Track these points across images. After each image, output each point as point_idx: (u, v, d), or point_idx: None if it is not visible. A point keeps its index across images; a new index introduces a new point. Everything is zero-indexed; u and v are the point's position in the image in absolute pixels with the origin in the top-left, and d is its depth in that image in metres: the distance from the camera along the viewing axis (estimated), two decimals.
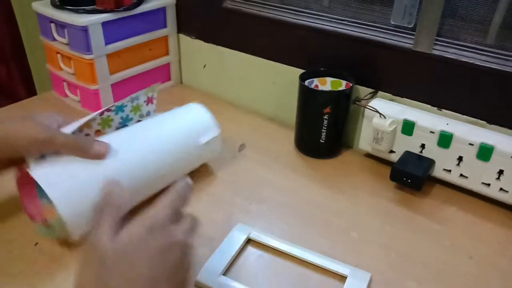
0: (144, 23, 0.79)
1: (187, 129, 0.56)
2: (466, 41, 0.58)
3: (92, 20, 0.70)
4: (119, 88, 0.79)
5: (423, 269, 0.48)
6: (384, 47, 0.63)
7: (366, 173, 0.64)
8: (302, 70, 0.67)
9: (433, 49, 0.59)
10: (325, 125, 0.63)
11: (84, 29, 0.70)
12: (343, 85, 0.66)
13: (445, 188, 0.60)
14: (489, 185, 0.56)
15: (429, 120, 0.59)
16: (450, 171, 0.58)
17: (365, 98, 0.65)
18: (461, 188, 0.59)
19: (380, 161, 0.65)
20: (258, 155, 0.67)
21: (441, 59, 0.59)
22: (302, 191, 0.60)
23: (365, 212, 0.56)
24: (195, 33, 0.84)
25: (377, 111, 0.61)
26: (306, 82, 0.65)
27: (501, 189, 0.55)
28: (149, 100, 0.58)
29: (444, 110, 0.61)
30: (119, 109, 0.54)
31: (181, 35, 0.86)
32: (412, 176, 0.57)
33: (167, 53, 0.86)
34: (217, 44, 0.82)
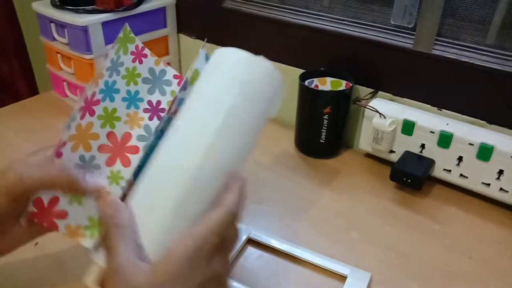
0: (144, 23, 0.79)
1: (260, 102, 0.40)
2: (466, 41, 0.58)
3: (92, 20, 0.70)
4: None
5: (423, 269, 0.48)
6: (384, 47, 0.63)
7: (366, 173, 0.64)
8: (302, 70, 0.67)
9: (433, 49, 0.59)
10: (325, 125, 0.63)
11: (84, 29, 0.70)
12: (343, 85, 0.66)
13: (445, 188, 0.60)
14: (489, 185, 0.56)
15: (429, 120, 0.59)
16: (450, 171, 0.58)
17: (365, 98, 0.65)
18: (461, 188, 0.59)
19: (380, 161, 0.65)
20: (258, 155, 0.67)
21: (441, 59, 0.59)
22: (302, 191, 0.60)
23: (365, 212, 0.56)
24: (195, 33, 0.84)
25: (377, 111, 0.61)
26: (306, 82, 0.65)
27: (501, 189, 0.55)
28: (138, 56, 0.43)
29: (444, 110, 0.61)
30: (109, 92, 0.39)
31: (181, 35, 0.86)
32: (412, 176, 0.57)
33: (167, 53, 0.86)
34: (217, 44, 0.82)
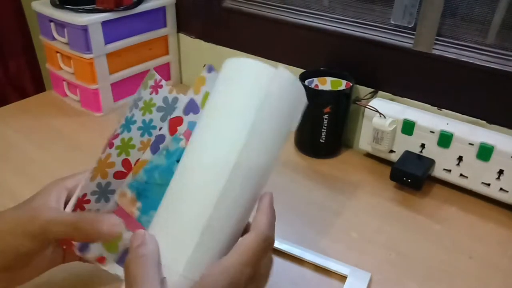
0: (144, 23, 0.79)
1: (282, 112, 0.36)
2: (466, 41, 0.58)
3: (92, 20, 0.70)
4: (118, 88, 0.79)
5: (423, 269, 0.48)
6: (384, 47, 0.63)
7: (366, 173, 0.64)
8: (302, 70, 0.67)
9: (433, 49, 0.59)
10: (325, 125, 0.63)
11: (84, 29, 0.70)
12: (343, 85, 0.66)
13: (445, 188, 0.60)
14: (489, 185, 0.56)
15: (429, 120, 0.59)
16: (450, 171, 0.58)
17: (365, 98, 0.65)
18: (461, 188, 0.59)
19: (380, 161, 0.65)
20: None
21: (441, 59, 0.59)
22: (302, 191, 0.60)
23: (365, 212, 0.56)
24: (195, 32, 0.84)
25: (377, 111, 0.60)
26: (306, 82, 0.65)
27: (501, 189, 0.55)
28: (155, 88, 0.45)
29: (444, 110, 0.61)
30: (128, 124, 0.43)
31: (181, 35, 0.86)
32: (412, 176, 0.57)
33: (167, 53, 0.86)
34: (217, 44, 0.82)
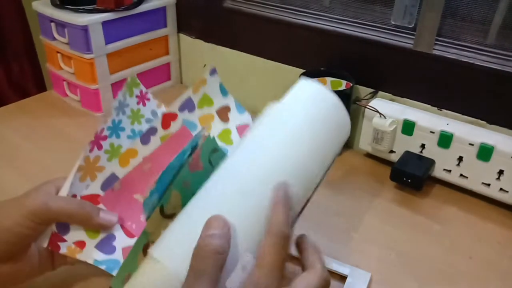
0: (144, 23, 0.79)
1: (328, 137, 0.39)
2: (466, 41, 0.58)
3: (92, 20, 0.70)
4: (119, 88, 0.78)
5: (423, 269, 0.48)
6: (384, 47, 0.63)
7: (366, 173, 0.64)
8: (302, 70, 0.67)
9: (433, 49, 0.59)
10: None
11: (84, 29, 0.70)
12: (343, 85, 0.66)
13: (445, 188, 0.60)
14: (489, 185, 0.56)
15: (429, 120, 0.59)
16: (450, 171, 0.58)
17: (365, 98, 0.65)
18: (461, 188, 0.59)
19: (380, 161, 0.65)
20: None
21: (441, 59, 0.59)
22: None
23: (365, 212, 0.56)
24: (195, 33, 0.84)
25: (377, 111, 0.60)
26: None
27: (501, 189, 0.55)
28: (141, 99, 0.46)
29: (444, 110, 0.61)
30: (116, 130, 0.43)
31: (181, 35, 0.86)
32: (412, 176, 0.57)
33: (167, 53, 0.86)
34: (217, 44, 0.82)
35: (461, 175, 0.58)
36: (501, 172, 0.54)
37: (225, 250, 0.29)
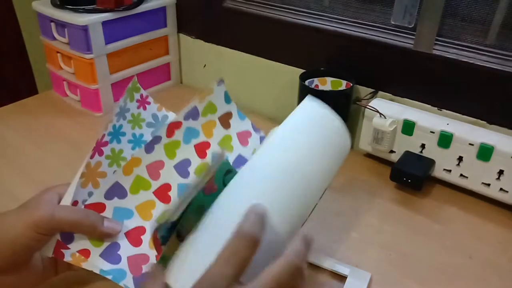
0: (144, 23, 0.79)
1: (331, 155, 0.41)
2: (467, 41, 0.58)
3: (92, 20, 0.70)
4: (119, 88, 0.79)
5: (423, 269, 0.48)
6: (384, 47, 0.63)
7: (366, 173, 0.64)
8: (302, 70, 0.67)
9: (433, 49, 0.59)
10: None
11: (84, 29, 0.70)
12: (343, 85, 0.66)
13: (445, 188, 0.60)
14: (489, 185, 0.56)
15: (429, 120, 0.59)
16: (450, 171, 0.58)
17: (365, 98, 0.65)
18: (461, 188, 0.59)
19: (380, 161, 0.65)
20: None
21: (441, 59, 0.59)
22: None
23: (365, 212, 0.56)
24: (195, 33, 0.84)
25: (377, 111, 0.60)
26: (306, 82, 0.65)
27: (501, 189, 0.55)
28: (142, 103, 0.47)
29: (444, 110, 0.61)
30: (116, 135, 0.44)
31: (181, 35, 0.86)
32: (412, 176, 0.57)
33: (167, 53, 0.86)
34: (217, 44, 0.82)
35: (461, 175, 0.58)
36: (501, 172, 0.54)
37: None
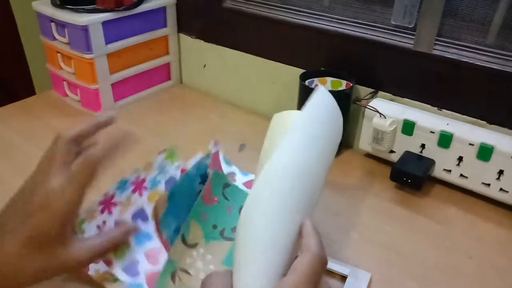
0: (144, 23, 0.79)
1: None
2: (467, 41, 0.58)
3: (92, 20, 0.70)
4: (119, 88, 0.79)
5: (423, 269, 0.48)
6: (384, 47, 0.63)
7: (366, 173, 0.64)
8: (302, 70, 0.67)
9: (433, 49, 0.59)
10: None
11: (85, 29, 0.70)
12: (343, 85, 0.66)
13: (445, 188, 0.60)
14: (489, 185, 0.56)
15: (429, 120, 0.59)
16: (450, 171, 0.58)
17: (365, 98, 0.65)
18: (461, 188, 0.59)
19: (380, 161, 0.65)
20: (258, 155, 0.67)
21: (441, 59, 0.59)
22: None
23: (365, 212, 0.56)
24: (195, 33, 0.84)
25: (377, 111, 0.60)
26: (307, 82, 0.65)
27: (501, 189, 0.55)
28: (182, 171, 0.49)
29: (444, 110, 0.61)
30: (155, 185, 0.47)
31: (181, 35, 0.86)
32: (412, 176, 0.57)
33: (167, 53, 0.86)
34: (217, 44, 0.82)
35: (461, 175, 0.58)
36: (501, 172, 0.54)
37: None
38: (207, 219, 0.45)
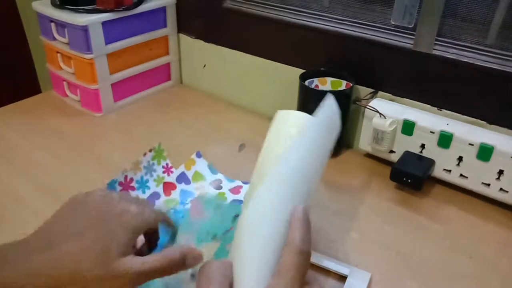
0: (144, 23, 0.79)
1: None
2: (467, 41, 0.58)
3: (92, 20, 0.70)
4: (119, 88, 0.79)
5: (423, 269, 0.48)
6: (384, 47, 0.63)
7: (366, 173, 0.64)
8: (302, 70, 0.67)
9: (433, 49, 0.59)
10: None
11: (84, 29, 0.70)
12: (343, 85, 0.66)
13: (445, 188, 0.60)
14: (489, 185, 0.56)
15: (429, 120, 0.59)
16: (450, 171, 0.58)
17: (365, 98, 0.65)
18: (461, 188, 0.59)
19: (380, 161, 0.65)
20: (258, 155, 0.67)
21: (441, 59, 0.59)
22: None
23: (365, 212, 0.56)
24: (195, 33, 0.84)
25: (377, 111, 0.60)
26: (306, 82, 0.65)
27: (501, 189, 0.55)
28: (167, 170, 0.57)
29: (444, 110, 0.61)
30: (143, 186, 0.54)
31: (181, 35, 0.86)
32: (412, 176, 0.57)
33: (167, 53, 0.86)
34: (217, 44, 0.82)
35: (461, 175, 0.58)
36: (501, 172, 0.54)
37: None
38: (199, 229, 0.46)
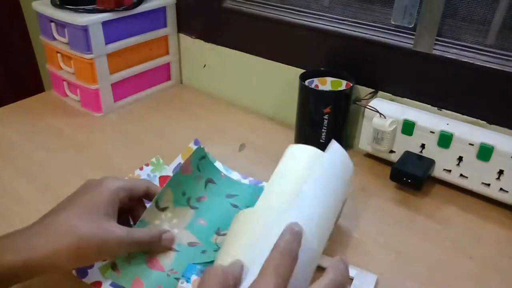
0: (144, 23, 0.79)
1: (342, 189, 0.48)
2: (467, 41, 0.58)
3: (92, 20, 0.70)
4: (119, 88, 0.79)
5: (423, 269, 0.48)
6: (384, 47, 0.63)
7: (366, 173, 0.64)
8: (302, 70, 0.67)
9: (433, 49, 0.59)
10: (325, 125, 0.63)
11: (84, 29, 0.70)
12: (343, 85, 0.66)
13: (445, 188, 0.60)
14: (489, 185, 0.56)
15: (429, 120, 0.59)
16: (450, 171, 0.58)
17: (365, 98, 0.65)
18: (461, 188, 0.59)
19: (380, 161, 0.65)
20: (258, 155, 0.67)
21: (441, 59, 0.59)
22: None
23: (365, 212, 0.56)
24: (195, 33, 0.84)
25: (377, 111, 0.61)
26: (306, 82, 0.65)
27: (501, 189, 0.55)
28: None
29: (444, 110, 0.61)
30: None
31: (181, 35, 0.86)
32: (412, 176, 0.57)
33: (167, 53, 0.86)
34: (217, 44, 0.82)
35: (461, 175, 0.58)
36: (501, 172, 0.54)
37: None
38: (179, 187, 0.50)
